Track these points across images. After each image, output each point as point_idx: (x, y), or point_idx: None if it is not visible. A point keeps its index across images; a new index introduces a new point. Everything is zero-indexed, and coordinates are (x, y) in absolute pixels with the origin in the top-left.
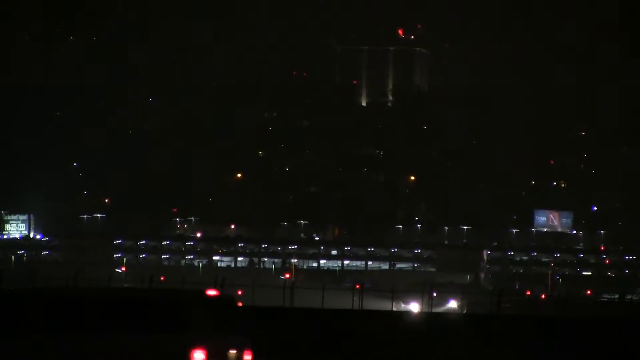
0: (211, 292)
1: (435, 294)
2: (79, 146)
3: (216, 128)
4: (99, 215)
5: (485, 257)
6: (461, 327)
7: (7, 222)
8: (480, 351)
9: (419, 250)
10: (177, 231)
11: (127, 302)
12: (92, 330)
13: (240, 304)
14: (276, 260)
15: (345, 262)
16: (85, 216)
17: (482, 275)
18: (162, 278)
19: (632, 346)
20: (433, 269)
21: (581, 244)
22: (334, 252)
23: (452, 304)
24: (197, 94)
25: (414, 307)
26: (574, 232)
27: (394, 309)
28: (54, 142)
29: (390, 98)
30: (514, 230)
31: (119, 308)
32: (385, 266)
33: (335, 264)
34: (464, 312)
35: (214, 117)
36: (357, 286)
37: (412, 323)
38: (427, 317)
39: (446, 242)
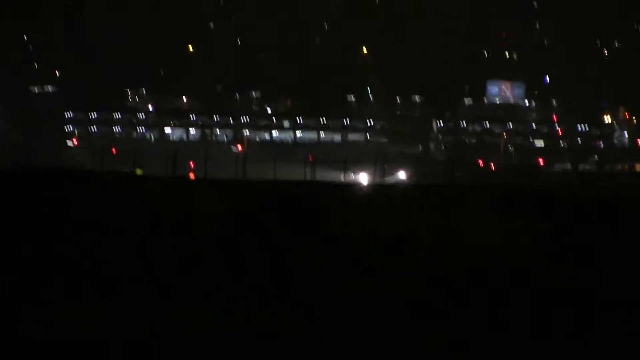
0: None
1: (385, 165)
2: (30, 18)
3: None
4: (49, 87)
5: (435, 127)
6: (409, 196)
7: None
8: (427, 218)
9: (372, 122)
10: (129, 103)
11: None
12: None
13: (192, 176)
14: (228, 132)
15: (298, 134)
16: (35, 88)
17: (432, 146)
18: (113, 151)
19: (584, 214)
20: (386, 140)
21: (534, 115)
22: (286, 124)
23: (401, 175)
24: None
25: (363, 177)
26: (527, 103)
27: (344, 180)
28: (3, 14)
29: None
30: (466, 100)
31: None
32: (338, 138)
33: (288, 136)
34: (413, 182)
35: None
36: (310, 158)
37: (361, 194)
38: (376, 188)
39: (398, 113)
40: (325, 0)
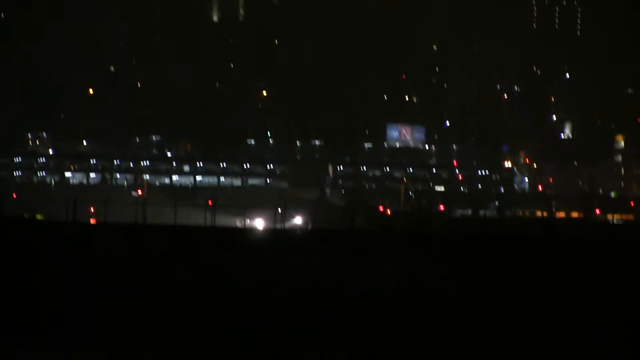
0: None
1: (280, 210)
2: None
3: (71, 42)
4: None
5: (331, 172)
6: (305, 241)
7: None
8: (322, 262)
9: (272, 166)
10: (29, 147)
11: None
12: None
13: (93, 221)
14: (129, 176)
15: (198, 178)
16: None
17: (328, 191)
18: (14, 195)
19: (488, 259)
20: (286, 185)
21: (434, 159)
22: (186, 169)
23: (297, 220)
24: (50, 7)
25: (259, 223)
26: (427, 147)
27: (239, 225)
28: None
29: (242, 12)
30: (366, 145)
31: None
32: (238, 182)
33: (188, 181)
34: (309, 228)
35: (69, 31)
36: (210, 202)
37: (258, 239)
38: (272, 233)
39: (298, 157)
40: (228, 42)
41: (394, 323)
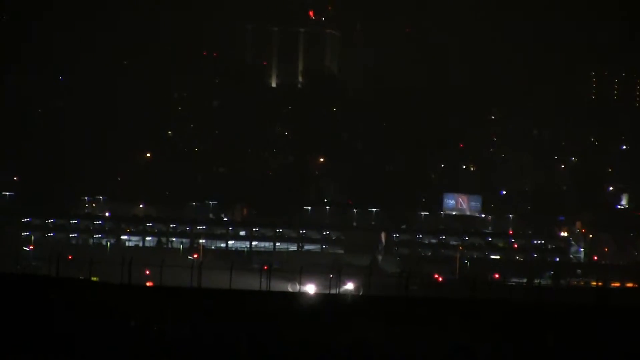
0: None
1: (331, 276)
2: None
3: (127, 107)
4: (7, 193)
5: (383, 239)
6: (357, 307)
7: None
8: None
9: (328, 232)
10: (86, 210)
11: None
12: None
13: (149, 284)
14: (184, 240)
15: (254, 243)
16: None
17: (380, 257)
18: (69, 257)
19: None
20: (341, 251)
21: (490, 228)
22: (242, 233)
23: (349, 286)
24: (109, 71)
25: (311, 288)
26: (483, 215)
27: (290, 289)
28: None
29: (300, 80)
30: (423, 213)
31: None
32: (293, 247)
33: (244, 245)
34: (360, 293)
35: (125, 96)
36: (265, 267)
37: (309, 303)
38: (324, 298)
39: (354, 223)
40: (286, 108)
41: None
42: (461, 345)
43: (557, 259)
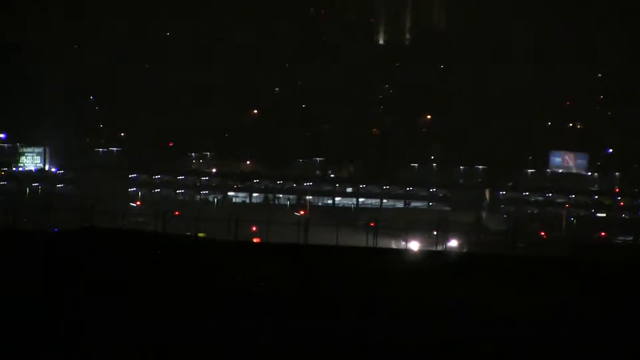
0: None
1: (435, 233)
2: (96, 79)
3: (234, 65)
4: (114, 149)
5: (487, 196)
6: (462, 264)
7: (23, 154)
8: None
9: (434, 190)
10: (192, 166)
11: None
12: None
13: (256, 240)
14: (291, 197)
15: (360, 200)
16: (100, 150)
17: (484, 215)
18: (176, 213)
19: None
20: (448, 208)
21: (596, 186)
22: (349, 190)
23: (453, 243)
24: (215, 28)
25: (414, 245)
26: (589, 173)
27: (394, 246)
28: (70, 76)
29: (408, 37)
30: (529, 170)
31: None
32: (400, 205)
33: (350, 202)
34: (464, 251)
35: (231, 55)
36: (372, 224)
37: (414, 260)
38: (428, 254)
39: (461, 181)
40: (393, 66)
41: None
42: (564, 303)
43: None
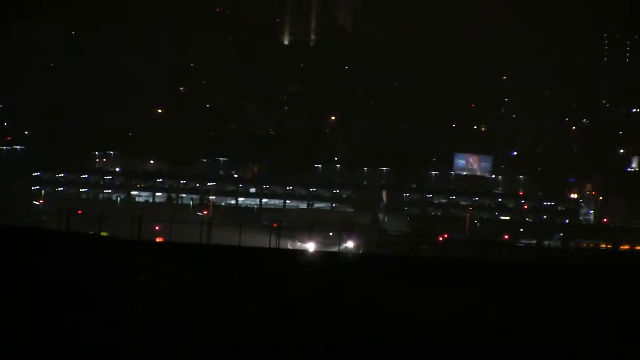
0: None
1: (331, 234)
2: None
3: (139, 63)
4: (18, 147)
5: (384, 197)
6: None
7: None
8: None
9: (338, 190)
10: (97, 165)
11: None
12: None
13: (159, 240)
14: (194, 196)
15: (264, 200)
16: (4, 147)
17: (381, 216)
18: (79, 212)
19: (543, 290)
20: (351, 209)
21: (500, 189)
22: (252, 190)
23: (349, 244)
24: (122, 28)
25: (311, 246)
26: (493, 176)
27: (290, 247)
28: None
29: (313, 37)
30: (433, 172)
31: None
32: (303, 205)
33: (254, 202)
34: (360, 252)
35: (137, 52)
36: (275, 225)
37: (310, 261)
38: (322, 256)
39: (365, 182)
40: (298, 66)
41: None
42: (471, 307)
43: (567, 221)
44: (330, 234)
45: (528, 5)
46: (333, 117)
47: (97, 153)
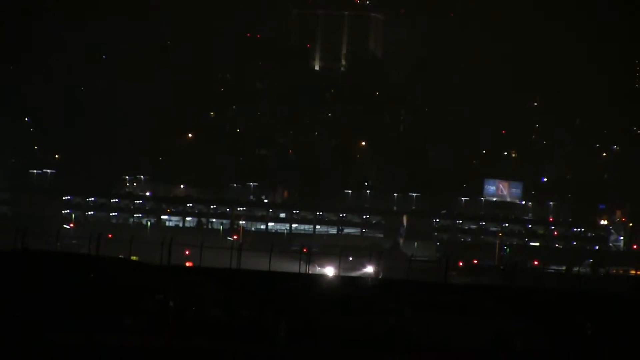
0: None
1: (351, 258)
2: (32, 101)
3: (171, 88)
4: (49, 170)
5: (405, 222)
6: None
7: None
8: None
9: (368, 216)
10: (127, 189)
11: None
12: None
13: (189, 264)
14: (224, 221)
15: (294, 225)
16: (35, 171)
17: (401, 241)
18: (109, 236)
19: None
20: (381, 235)
21: (530, 215)
22: (282, 215)
23: (369, 269)
24: (153, 53)
25: (329, 270)
26: (523, 202)
27: (310, 272)
28: (4, 97)
29: (344, 63)
30: (463, 198)
31: None
32: (333, 231)
33: (284, 227)
34: (380, 277)
35: (168, 78)
36: (305, 250)
37: (329, 286)
38: (341, 281)
39: (395, 208)
40: (329, 93)
41: None
42: (500, 334)
43: (597, 248)
44: (350, 258)
45: (560, 34)
46: (363, 143)
47: (127, 177)
